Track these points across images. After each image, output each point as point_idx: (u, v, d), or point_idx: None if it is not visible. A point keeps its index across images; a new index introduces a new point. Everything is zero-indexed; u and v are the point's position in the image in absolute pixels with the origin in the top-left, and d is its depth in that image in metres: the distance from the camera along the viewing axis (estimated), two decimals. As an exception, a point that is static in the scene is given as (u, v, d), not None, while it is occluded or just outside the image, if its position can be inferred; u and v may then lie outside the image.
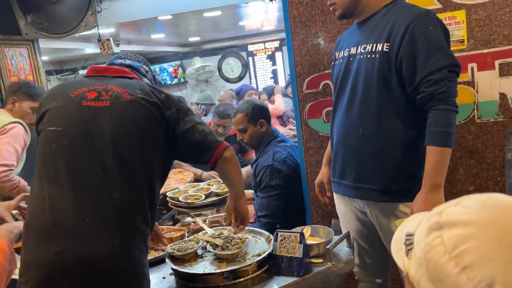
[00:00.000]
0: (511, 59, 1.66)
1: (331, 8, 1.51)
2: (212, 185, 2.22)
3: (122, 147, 1.12)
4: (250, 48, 7.53)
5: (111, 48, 2.72)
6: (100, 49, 2.82)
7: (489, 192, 1.67)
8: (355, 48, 1.49)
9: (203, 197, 2.02)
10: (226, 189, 2.07)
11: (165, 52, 7.83)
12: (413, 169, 1.40)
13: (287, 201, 2.06)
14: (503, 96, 1.70)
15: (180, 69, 7.95)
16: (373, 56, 1.41)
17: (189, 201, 2.01)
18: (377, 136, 1.44)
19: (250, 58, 7.69)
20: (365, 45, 1.44)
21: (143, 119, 1.16)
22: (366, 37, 1.45)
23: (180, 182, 2.80)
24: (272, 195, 2.03)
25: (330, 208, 1.98)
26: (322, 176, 1.77)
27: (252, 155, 3.04)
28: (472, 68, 1.70)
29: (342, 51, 1.56)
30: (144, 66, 1.38)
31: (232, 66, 7.86)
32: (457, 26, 1.69)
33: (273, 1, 2.48)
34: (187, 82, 7.85)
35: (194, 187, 2.26)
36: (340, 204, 1.64)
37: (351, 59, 1.49)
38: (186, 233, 1.72)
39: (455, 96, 1.33)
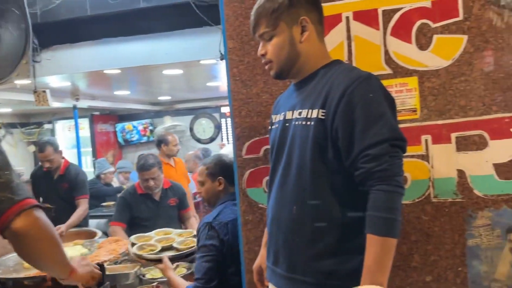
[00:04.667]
0: (469, 132, 1.49)
1: (266, 67, 1.34)
2: (182, 235, 2.20)
3: None
4: (223, 109, 7.47)
5: (47, 100, 2.50)
6: (36, 101, 2.60)
7: (448, 284, 1.40)
8: (291, 112, 1.30)
9: (159, 248, 2.00)
10: (192, 244, 2.08)
11: (137, 110, 7.70)
12: (353, 260, 1.15)
13: (223, 273, 1.81)
14: (461, 173, 1.50)
15: (150, 127, 7.78)
16: (308, 123, 1.21)
17: (138, 252, 2.00)
18: (311, 217, 1.21)
19: (223, 119, 7.61)
20: (300, 110, 1.25)
21: None
22: (301, 101, 1.27)
23: (111, 254, 2.48)
24: (205, 255, 1.81)
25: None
26: (261, 259, 1.51)
27: None
28: (426, 140, 1.52)
29: (278, 115, 1.37)
30: None
31: (204, 127, 7.76)
32: (409, 93, 1.54)
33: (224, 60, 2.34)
34: (157, 141, 7.65)
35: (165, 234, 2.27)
36: (274, 295, 1.36)
37: (287, 124, 1.30)
38: None
39: (399, 175, 1.11)
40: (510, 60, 1.45)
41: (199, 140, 7.51)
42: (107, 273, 1.58)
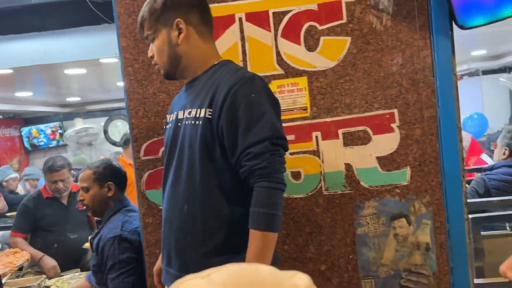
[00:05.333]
0: (354, 128, 1.60)
1: (155, 68, 1.34)
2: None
3: None
4: (140, 111, 7.21)
5: None
6: None
7: (341, 272, 1.48)
8: (182, 112, 1.30)
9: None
10: None
11: (44, 112, 7.18)
12: (241, 256, 1.18)
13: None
14: (348, 166, 1.61)
15: (60, 130, 7.30)
16: (196, 122, 1.22)
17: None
18: (202, 215, 1.22)
19: (139, 121, 7.34)
20: (190, 110, 1.26)
21: None
22: (191, 100, 1.27)
23: (7, 267, 2.29)
24: (125, 271, 1.71)
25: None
26: (160, 262, 1.48)
27: None
28: (316, 136, 1.60)
29: (172, 114, 1.36)
30: None
31: (120, 129, 7.43)
32: (299, 93, 1.60)
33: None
34: (67, 145, 7.19)
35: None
36: (169, 297, 1.35)
37: (179, 124, 1.30)
38: None
39: (280, 172, 1.16)
40: (389, 60, 1.58)
41: (114, 143, 7.20)
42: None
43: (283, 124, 1.57)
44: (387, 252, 1.61)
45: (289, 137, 1.59)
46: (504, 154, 2.36)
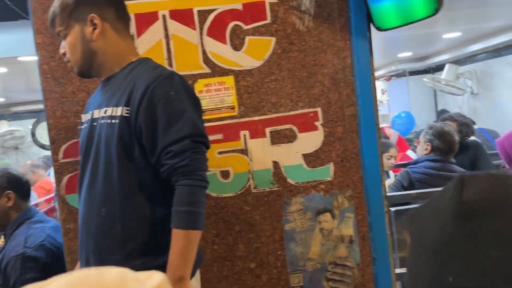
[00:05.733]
0: (281, 127, 1.63)
1: (68, 65, 1.28)
2: None
3: None
4: (71, 112, 6.86)
5: None
6: None
7: (270, 268, 1.48)
8: (98, 111, 1.25)
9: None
10: None
11: (-37, 114, 6.62)
12: (163, 257, 1.15)
13: None
14: (276, 164, 1.63)
15: (-19, 133, 6.76)
16: (113, 121, 1.18)
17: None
18: (121, 217, 1.18)
19: (71, 122, 6.98)
20: (106, 109, 1.21)
21: None
22: (107, 99, 1.23)
23: None
24: None
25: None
26: (80, 268, 1.41)
27: None
28: (244, 135, 1.61)
29: (87, 114, 1.31)
30: None
31: (49, 132, 6.98)
32: (227, 92, 1.61)
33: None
34: (-10, 149, 6.68)
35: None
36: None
37: (94, 123, 1.25)
38: None
39: (202, 169, 1.16)
40: (311, 61, 1.63)
41: (43, 146, 6.79)
42: None
43: (211, 124, 1.59)
44: (313, 247, 1.66)
45: (217, 136, 1.60)
46: (426, 149, 2.52)
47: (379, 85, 8.32)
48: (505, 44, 5.17)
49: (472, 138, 3.87)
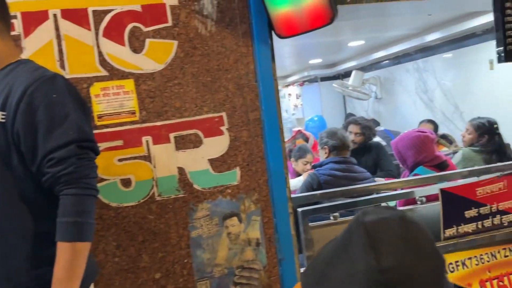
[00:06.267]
0: (185, 132, 1.60)
1: None
2: None
3: None
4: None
5: None
6: None
7: (176, 277, 1.43)
8: None
9: None
10: None
11: None
12: (49, 272, 1.06)
13: None
14: (181, 170, 1.60)
15: None
16: None
17: None
18: (2, 231, 1.07)
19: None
20: None
21: None
22: None
23: None
24: None
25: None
26: None
27: None
28: (147, 141, 1.56)
29: None
30: None
31: None
32: (126, 96, 1.54)
33: None
34: None
35: None
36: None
37: None
38: None
39: (90, 177, 1.08)
40: (215, 65, 1.62)
41: None
42: None
43: (110, 129, 1.51)
44: (220, 252, 1.66)
45: (117, 143, 1.52)
46: (326, 153, 2.66)
47: (294, 90, 8.64)
48: (403, 52, 5.63)
49: (375, 139, 4.17)
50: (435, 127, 4.15)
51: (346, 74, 7.28)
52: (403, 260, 0.63)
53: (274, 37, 1.64)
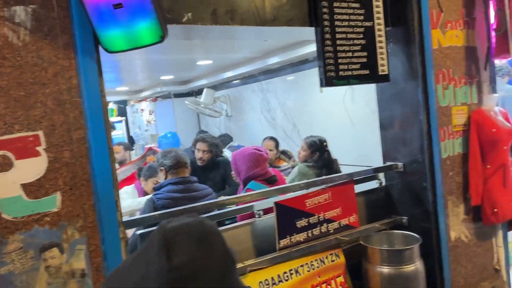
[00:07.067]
0: (-9, 153, 1.38)
1: None
2: None
3: None
4: None
5: None
6: None
7: None
8: None
9: None
10: None
11: None
12: None
13: None
14: None
15: None
16: None
17: None
18: None
19: None
20: None
21: None
22: None
23: None
24: None
25: None
26: None
27: None
28: None
29: None
30: None
31: None
32: None
33: None
34: None
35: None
36: None
37: None
38: None
39: None
40: (30, 79, 1.45)
41: None
42: None
43: None
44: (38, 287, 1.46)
45: None
46: (164, 174, 2.62)
47: (147, 106, 8.42)
48: (249, 73, 5.99)
49: (223, 155, 4.30)
50: (276, 143, 4.47)
51: (199, 92, 7.41)
52: (194, 259, 0.65)
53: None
